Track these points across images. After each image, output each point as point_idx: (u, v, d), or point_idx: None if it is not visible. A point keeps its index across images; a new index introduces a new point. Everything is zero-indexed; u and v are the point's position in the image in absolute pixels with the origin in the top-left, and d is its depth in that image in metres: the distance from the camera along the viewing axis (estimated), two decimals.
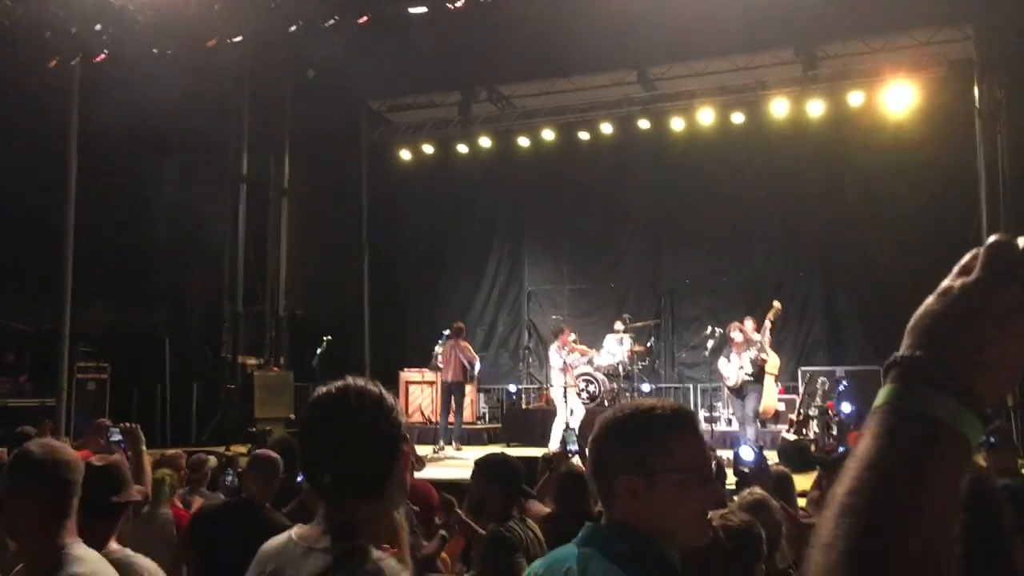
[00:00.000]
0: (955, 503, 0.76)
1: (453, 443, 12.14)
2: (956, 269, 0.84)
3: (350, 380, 1.86)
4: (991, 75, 12.43)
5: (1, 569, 2.51)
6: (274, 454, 4.51)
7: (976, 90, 12.67)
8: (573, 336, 12.98)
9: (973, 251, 0.83)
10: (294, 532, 1.85)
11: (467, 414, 13.34)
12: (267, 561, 1.84)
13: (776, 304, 11.74)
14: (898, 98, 13.44)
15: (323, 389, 1.86)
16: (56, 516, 2.30)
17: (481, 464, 4.47)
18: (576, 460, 6.09)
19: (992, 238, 0.82)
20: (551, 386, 12.36)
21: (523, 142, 16.06)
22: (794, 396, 12.72)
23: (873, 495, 0.75)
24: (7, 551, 2.52)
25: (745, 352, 10.85)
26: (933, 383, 0.78)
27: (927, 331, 0.81)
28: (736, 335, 10.84)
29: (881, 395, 0.81)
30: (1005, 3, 11.23)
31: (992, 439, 3.13)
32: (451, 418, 12.43)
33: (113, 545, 2.74)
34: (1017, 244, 0.81)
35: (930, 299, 0.83)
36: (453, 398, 12.38)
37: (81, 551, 2.30)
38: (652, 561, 1.64)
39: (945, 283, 0.83)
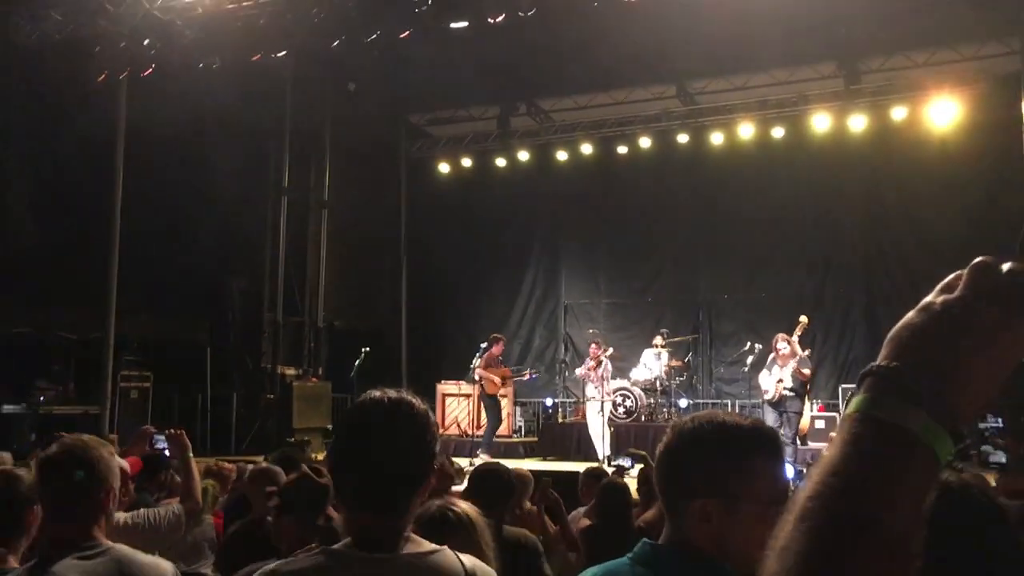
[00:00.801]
0: (917, 518, 0.75)
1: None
2: (939, 286, 0.84)
3: (397, 391, 1.83)
4: None
5: None
6: (276, 468, 4.48)
7: (1023, 104, 12.47)
8: (608, 350, 13.01)
9: (957, 272, 0.84)
10: (325, 549, 1.78)
11: (504, 427, 13.34)
12: None
13: (803, 319, 11.70)
14: (942, 113, 13.26)
15: (372, 395, 1.82)
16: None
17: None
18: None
19: (977, 260, 0.82)
20: (587, 400, 12.34)
21: (561, 156, 16.09)
22: (834, 414, 12.58)
23: (834, 501, 0.74)
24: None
25: (787, 366, 10.78)
26: (906, 395, 0.77)
27: (905, 343, 0.81)
28: (782, 346, 10.78)
29: (853, 403, 0.81)
30: None
31: (1004, 461, 3.05)
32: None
33: None
34: (1001, 267, 0.81)
35: (911, 313, 0.83)
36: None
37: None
38: None
39: (928, 299, 0.84)
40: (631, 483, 5.81)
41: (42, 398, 11.33)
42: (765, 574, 0.75)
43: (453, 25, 10.21)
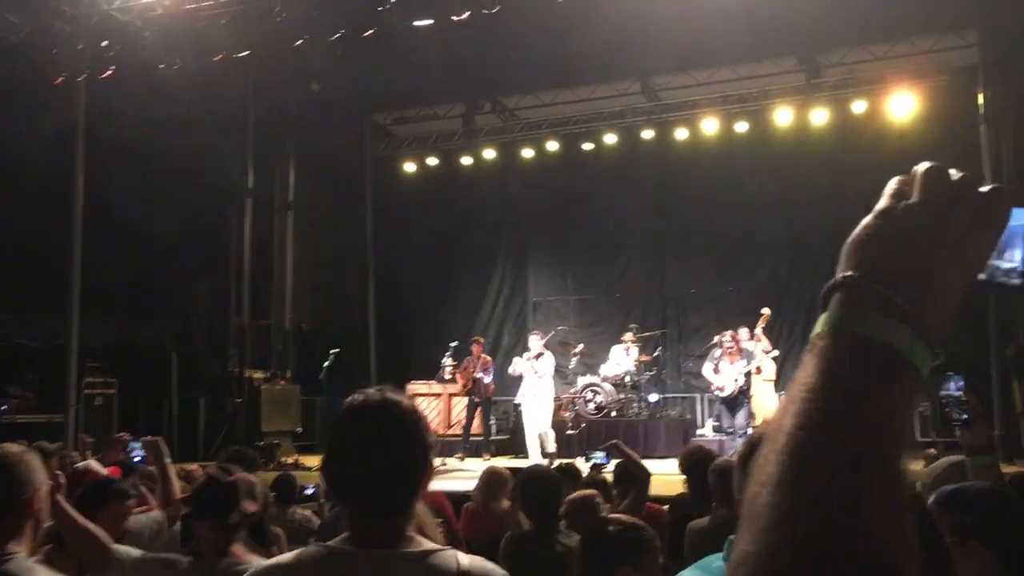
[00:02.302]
0: (907, 437, 0.69)
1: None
2: (890, 192, 0.80)
3: (381, 391, 1.82)
4: (995, 81, 12.43)
5: None
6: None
7: (980, 97, 12.68)
8: (579, 346, 13.06)
9: (900, 176, 0.81)
10: (324, 545, 1.77)
11: (474, 426, 13.34)
12: None
13: (766, 311, 11.87)
14: (902, 106, 13.47)
15: (362, 397, 1.81)
16: None
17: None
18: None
19: (928, 164, 0.79)
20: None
21: (527, 153, 16.11)
22: None
23: (831, 433, 0.67)
24: None
25: (739, 361, 10.92)
26: (888, 309, 0.72)
27: (872, 253, 0.76)
28: (728, 341, 10.92)
29: (824, 320, 0.74)
30: (1008, 9, 11.25)
31: (966, 416, 3.05)
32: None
33: None
34: (951, 173, 0.79)
35: (869, 219, 0.79)
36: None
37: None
38: None
39: (883, 204, 0.79)
40: (609, 479, 5.82)
41: (5, 407, 11.13)
42: (749, 509, 0.67)
43: (417, 23, 10.17)
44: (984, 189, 0.78)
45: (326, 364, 12.66)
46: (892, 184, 0.81)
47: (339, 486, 1.84)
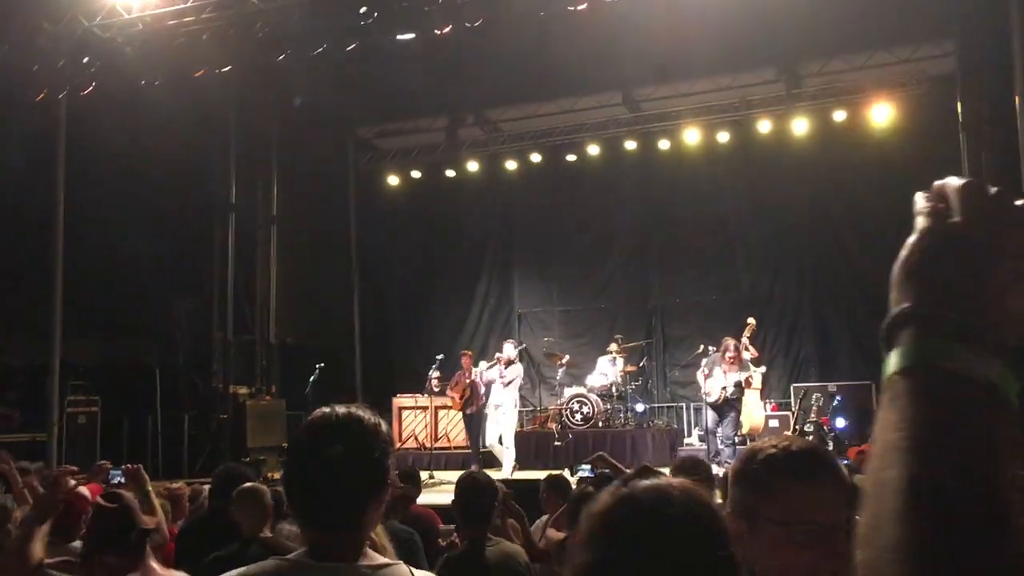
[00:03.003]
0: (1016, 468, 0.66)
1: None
2: (925, 209, 0.75)
3: (347, 407, 1.84)
4: (973, 90, 12.56)
5: None
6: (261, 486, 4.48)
7: (959, 105, 12.81)
8: (565, 358, 13.07)
9: (924, 193, 0.76)
10: (280, 558, 1.81)
11: (460, 437, 13.30)
12: None
13: (751, 321, 11.93)
14: (881, 115, 13.60)
15: (324, 412, 1.83)
16: None
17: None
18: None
19: (965, 180, 0.75)
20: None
21: (510, 165, 16.15)
22: (787, 413, 12.77)
23: (954, 477, 0.64)
24: None
25: (732, 372, 10.95)
26: (970, 339, 0.68)
27: (934, 278, 0.71)
28: (731, 352, 10.94)
29: (904, 356, 0.70)
30: (984, 18, 11.38)
31: None
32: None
33: None
34: (989, 190, 0.75)
35: (914, 241, 0.74)
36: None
37: None
38: None
39: (926, 223, 0.74)
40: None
41: None
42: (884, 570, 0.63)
43: (400, 37, 10.18)
44: None
45: (312, 378, 12.61)
46: (921, 202, 0.76)
47: (297, 499, 1.85)
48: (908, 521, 0.63)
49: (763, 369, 12.19)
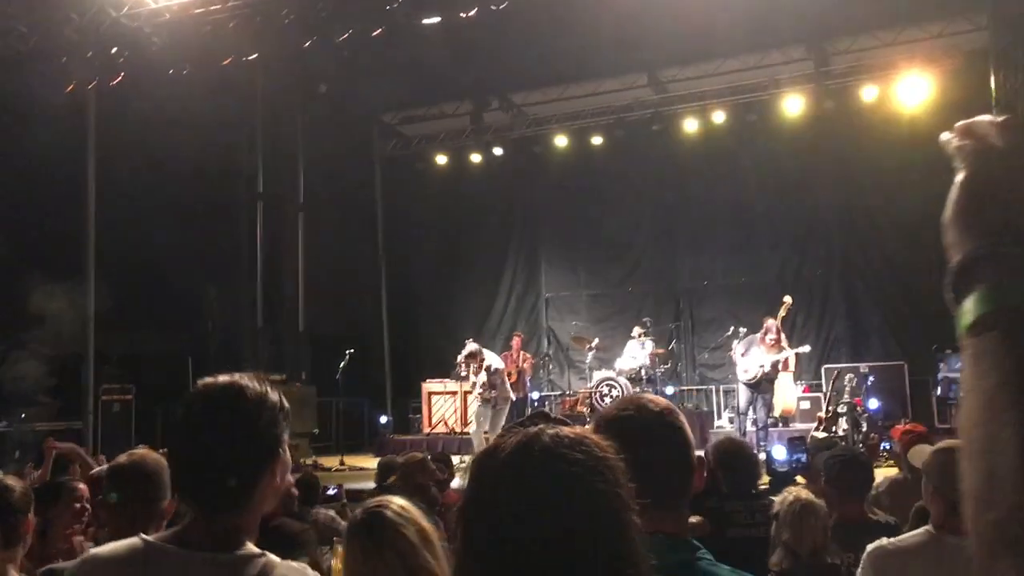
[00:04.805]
0: None
1: None
2: (966, 148, 0.72)
3: (231, 376, 1.67)
4: (1007, 64, 12.32)
5: None
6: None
7: (992, 80, 12.58)
8: (594, 341, 13.03)
9: (949, 134, 0.74)
10: (142, 538, 1.64)
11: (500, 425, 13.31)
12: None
13: (787, 299, 11.81)
14: (912, 92, 13.37)
15: (205, 382, 1.67)
16: None
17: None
18: None
19: (997, 117, 0.72)
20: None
21: (536, 149, 16.08)
22: (818, 394, 12.68)
23: None
24: None
25: (771, 353, 10.87)
26: None
27: (1002, 214, 0.67)
28: (772, 334, 10.86)
29: (983, 301, 0.65)
30: None
31: None
32: None
33: None
34: None
35: (964, 181, 0.70)
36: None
37: None
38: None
39: (973, 160, 0.70)
40: None
41: (23, 415, 11.16)
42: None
43: (425, 21, 10.16)
44: None
45: (342, 364, 12.68)
46: (955, 141, 0.73)
47: (178, 476, 1.71)
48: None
49: (806, 348, 12.03)
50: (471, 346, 11.58)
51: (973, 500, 0.63)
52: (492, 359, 11.69)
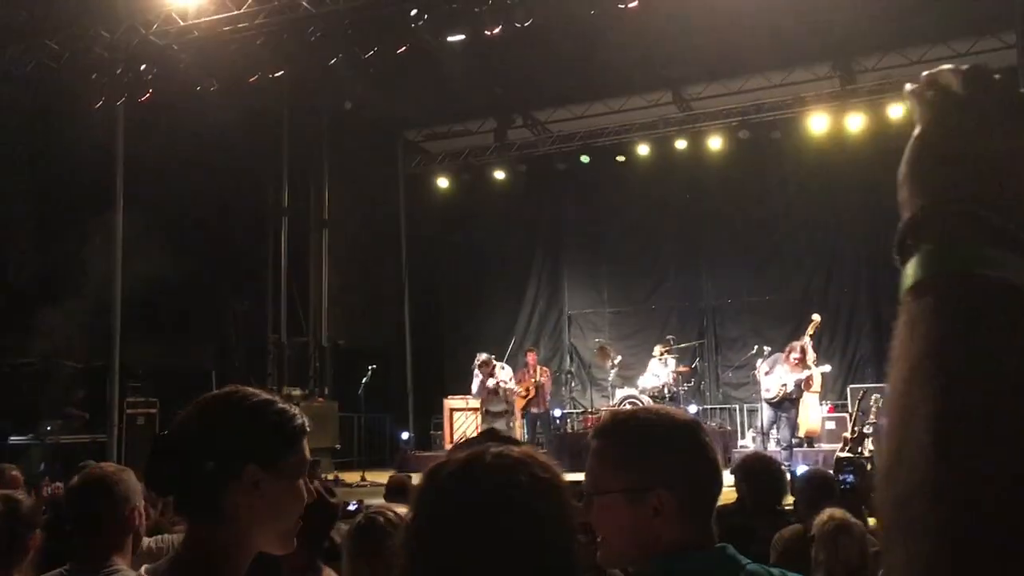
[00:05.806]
0: None
1: None
2: (924, 97, 0.67)
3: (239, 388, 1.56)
4: None
5: None
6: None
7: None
8: (617, 358, 12.98)
9: (913, 85, 0.68)
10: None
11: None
12: None
13: (816, 317, 11.70)
14: None
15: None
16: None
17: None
18: None
19: (951, 66, 0.67)
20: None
21: (560, 166, 16.09)
22: (844, 414, 12.53)
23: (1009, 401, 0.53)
24: None
25: (795, 372, 10.78)
26: (1011, 241, 0.58)
27: (956, 171, 0.62)
28: (796, 353, 10.78)
29: (927, 263, 0.60)
30: None
31: None
32: None
33: None
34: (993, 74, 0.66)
35: (922, 132, 0.65)
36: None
37: None
38: None
39: (931, 110, 0.65)
40: None
41: (49, 428, 11.26)
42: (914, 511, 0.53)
43: (450, 38, 10.22)
44: None
45: (364, 380, 12.70)
46: (917, 91, 0.67)
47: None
48: (946, 457, 0.53)
49: (827, 368, 11.93)
50: (483, 355, 11.74)
51: (881, 478, 0.57)
52: (503, 373, 11.80)
